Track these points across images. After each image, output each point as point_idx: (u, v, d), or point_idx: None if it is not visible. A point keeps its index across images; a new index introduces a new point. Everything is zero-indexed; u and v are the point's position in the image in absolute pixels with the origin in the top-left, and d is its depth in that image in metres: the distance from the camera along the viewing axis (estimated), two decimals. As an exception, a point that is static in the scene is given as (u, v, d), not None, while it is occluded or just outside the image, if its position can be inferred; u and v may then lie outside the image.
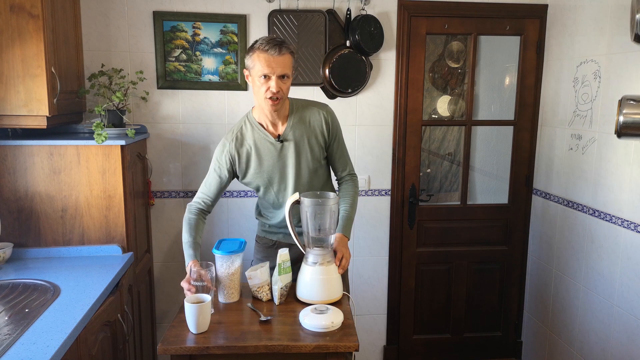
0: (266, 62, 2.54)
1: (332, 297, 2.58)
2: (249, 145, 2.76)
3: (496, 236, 4.37)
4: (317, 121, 2.79)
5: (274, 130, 2.77)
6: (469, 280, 4.39)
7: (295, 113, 2.78)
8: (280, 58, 2.54)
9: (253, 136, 2.76)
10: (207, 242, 4.00)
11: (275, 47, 2.53)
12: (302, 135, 2.77)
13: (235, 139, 2.77)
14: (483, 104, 4.39)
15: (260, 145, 2.75)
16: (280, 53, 2.54)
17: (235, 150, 2.76)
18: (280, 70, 2.55)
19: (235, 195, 3.98)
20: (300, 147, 2.77)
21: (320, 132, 2.80)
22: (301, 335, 2.29)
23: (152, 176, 3.90)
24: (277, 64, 2.54)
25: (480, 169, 4.48)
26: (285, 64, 2.57)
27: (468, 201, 4.32)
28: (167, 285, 4.06)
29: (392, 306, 4.35)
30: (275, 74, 2.55)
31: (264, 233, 3.05)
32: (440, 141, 4.51)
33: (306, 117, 2.79)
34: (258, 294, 2.64)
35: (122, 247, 3.23)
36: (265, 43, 2.55)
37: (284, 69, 2.57)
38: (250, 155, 2.76)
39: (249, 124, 2.78)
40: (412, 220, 4.23)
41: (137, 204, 3.50)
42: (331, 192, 2.71)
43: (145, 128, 3.82)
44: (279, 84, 2.57)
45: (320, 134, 2.80)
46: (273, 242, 3.00)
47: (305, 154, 2.78)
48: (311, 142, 2.79)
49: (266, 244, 3.03)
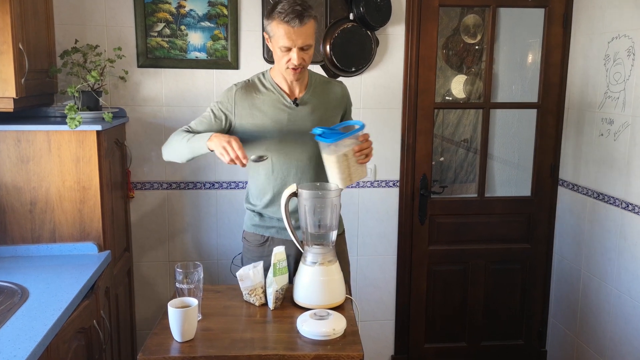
0: (286, 35, 2.63)
1: (333, 301, 2.58)
2: (261, 101, 2.84)
3: (517, 232, 4.37)
4: (336, 94, 2.97)
5: (291, 94, 2.87)
6: (486, 282, 4.40)
7: (314, 82, 2.93)
8: (303, 29, 2.63)
9: (267, 96, 2.85)
10: (197, 241, 4.00)
11: (296, 19, 2.60)
12: (319, 104, 2.90)
13: (246, 84, 2.89)
14: (503, 85, 4.39)
15: (271, 106, 2.83)
16: (302, 24, 2.62)
17: (244, 92, 2.85)
18: (302, 41, 2.65)
19: (224, 186, 3.99)
20: (316, 115, 2.87)
21: (338, 104, 2.97)
22: (299, 343, 2.29)
23: (132, 165, 3.90)
24: (299, 36, 2.63)
25: (499, 158, 4.49)
26: (308, 34, 2.66)
27: (486, 193, 4.32)
28: (149, 288, 4.07)
29: (400, 311, 4.36)
30: (297, 46, 2.65)
31: (253, 228, 3.03)
32: (454, 126, 4.51)
33: (326, 87, 2.96)
34: (250, 297, 2.63)
35: (98, 244, 3.23)
36: (285, 13, 2.61)
37: (306, 40, 2.66)
38: (259, 108, 2.83)
39: (266, 83, 2.89)
40: (424, 215, 4.23)
41: (115, 196, 3.50)
42: (332, 184, 2.71)
43: (124, 111, 3.82)
44: (301, 55, 2.68)
45: (338, 105, 2.97)
46: (265, 238, 2.98)
47: (320, 123, 2.85)
48: (327, 112, 2.92)
49: (257, 241, 3.01)
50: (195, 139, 2.69)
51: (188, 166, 3.92)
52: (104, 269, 3.16)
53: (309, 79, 2.91)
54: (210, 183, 3.98)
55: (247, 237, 3.07)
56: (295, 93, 2.87)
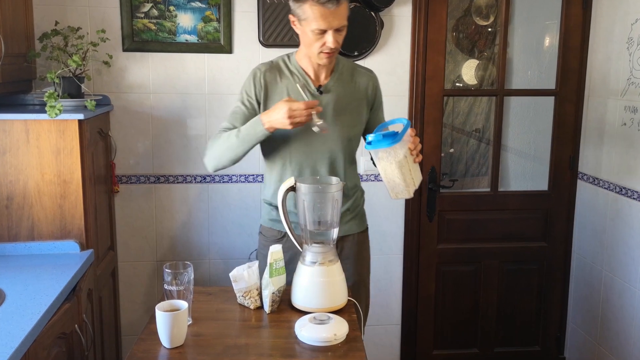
0: (322, 16, 2.63)
1: (334, 304, 2.57)
2: (284, 86, 2.85)
3: (534, 230, 4.37)
4: (364, 83, 2.96)
5: (315, 80, 2.88)
6: (500, 284, 4.40)
7: (341, 68, 2.93)
8: (339, 10, 2.65)
9: (292, 81, 2.86)
10: (187, 239, 3.99)
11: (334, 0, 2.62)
12: (345, 93, 2.90)
13: (271, 66, 2.89)
14: (518, 70, 4.39)
15: (296, 92, 2.83)
16: (338, 4, 2.63)
17: (271, 75, 2.87)
18: (338, 23, 2.66)
19: (217, 180, 3.98)
20: (341, 105, 2.88)
21: (365, 95, 2.95)
22: (297, 350, 2.29)
23: (117, 157, 3.89)
24: (335, 17, 2.64)
25: (514, 149, 4.48)
26: (343, 15, 2.68)
27: (499, 187, 4.32)
28: (135, 290, 4.07)
29: (407, 315, 4.36)
30: (333, 27, 2.66)
31: (270, 223, 3.02)
32: (465, 115, 4.51)
33: (353, 75, 2.95)
34: (245, 300, 2.62)
35: (80, 243, 3.23)
36: None
37: (342, 21, 2.68)
38: (283, 94, 2.84)
39: (291, 66, 2.89)
40: (432, 211, 4.22)
41: (98, 191, 3.49)
42: (334, 177, 2.71)
43: (109, 99, 3.81)
44: (336, 38, 2.68)
45: (364, 97, 2.95)
46: (282, 234, 2.96)
47: (343, 114, 2.87)
48: (353, 103, 2.92)
49: (273, 236, 3.00)
50: (246, 129, 2.72)
51: (177, 158, 3.91)
52: (87, 270, 3.15)
53: (336, 64, 2.91)
54: (202, 176, 3.97)
55: (263, 232, 3.07)
56: (320, 79, 2.88)
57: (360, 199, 3.09)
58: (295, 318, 2.49)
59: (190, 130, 3.92)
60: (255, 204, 4.02)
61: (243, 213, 4.04)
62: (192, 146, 3.93)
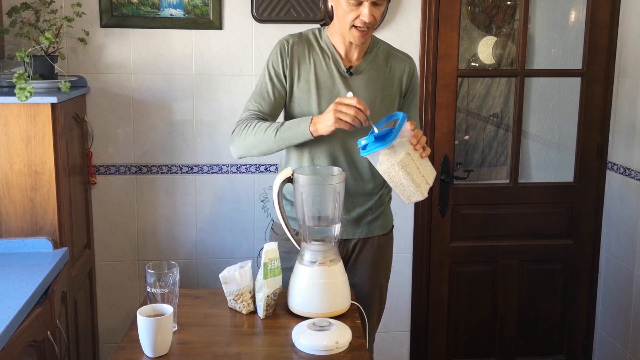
0: None
1: (336, 309, 2.57)
2: (313, 62, 2.84)
3: (558, 226, 4.37)
4: (400, 69, 2.93)
5: (346, 60, 2.87)
6: (521, 286, 4.41)
7: (376, 50, 2.91)
8: None
9: (323, 58, 2.85)
10: (172, 236, 3.99)
11: None
12: (377, 78, 2.88)
13: (301, 39, 2.88)
14: (540, 48, 4.38)
15: (325, 71, 2.83)
16: None
17: (301, 48, 2.85)
18: None
19: (205, 170, 3.98)
20: (371, 91, 2.87)
21: (399, 82, 2.93)
22: (295, 359, 2.29)
23: (94, 145, 3.90)
24: None
25: (536, 136, 4.48)
26: None
27: (520, 179, 4.33)
28: (114, 293, 4.08)
29: (417, 320, 4.37)
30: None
31: None
32: (482, 98, 4.50)
33: (388, 59, 2.92)
34: (236, 304, 2.63)
35: (53, 240, 3.23)
36: None
37: None
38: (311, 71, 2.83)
39: (322, 42, 2.89)
40: (445, 205, 4.23)
41: (73, 182, 3.49)
42: (335, 167, 2.71)
43: (85, 80, 3.81)
44: (372, 12, 2.65)
45: (398, 84, 2.93)
46: (295, 232, 2.95)
47: (373, 101, 2.85)
48: (385, 89, 2.90)
49: (285, 233, 3.00)
50: (290, 126, 2.68)
51: (161, 146, 3.91)
52: (60, 270, 3.15)
53: (370, 45, 2.89)
54: (188, 166, 3.97)
55: (275, 228, 3.08)
56: (352, 60, 2.86)
57: (386, 197, 3.07)
58: (293, 324, 2.49)
59: (176, 114, 3.91)
60: (247, 197, 4.02)
61: (235, 207, 4.04)
62: (178, 132, 3.93)
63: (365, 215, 2.96)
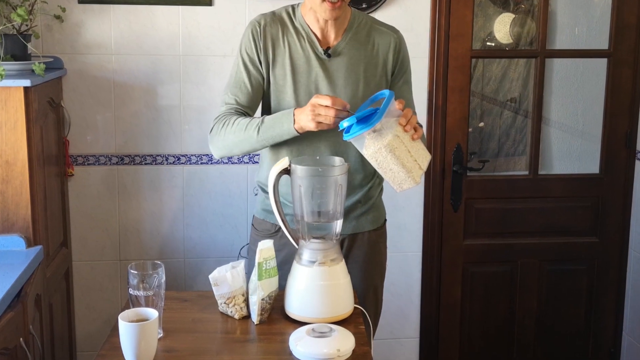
0: None
1: (338, 313, 2.57)
2: (288, 45, 2.84)
3: (582, 222, 4.38)
4: (384, 45, 2.91)
5: (323, 41, 2.87)
6: (541, 288, 4.42)
7: (356, 26, 2.89)
8: None
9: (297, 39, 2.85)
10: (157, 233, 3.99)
11: None
12: (359, 58, 2.87)
13: (273, 18, 2.88)
14: (562, 26, 4.38)
15: (300, 54, 2.83)
16: None
17: (274, 28, 2.85)
18: None
19: (194, 161, 3.98)
20: (352, 73, 2.85)
21: (384, 60, 2.91)
22: (292, 369, 2.29)
23: (71, 133, 3.90)
24: None
25: (558, 123, 4.49)
26: None
27: (540, 170, 4.33)
28: (94, 295, 4.08)
29: (427, 326, 4.38)
30: None
31: (264, 214, 3.04)
32: (498, 81, 4.51)
33: (370, 35, 2.90)
34: (228, 308, 2.62)
35: (27, 238, 3.24)
36: None
37: None
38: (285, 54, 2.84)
39: (295, 21, 2.88)
40: (457, 199, 4.23)
41: (48, 174, 3.50)
42: (337, 157, 2.70)
43: (61, 62, 3.81)
44: None
45: (383, 63, 2.91)
46: (276, 228, 2.97)
47: (356, 84, 2.84)
48: (369, 70, 2.88)
49: (267, 230, 3.02)
50: (271, 122, 2.69)
51: (145, 135, 3.90)
52: (34, 271, 3.15)
53: (350, 21, 2.88)
54: (175, 156, 3.97)
55: (256, 224, 3.09)
56: (329, 39, 2.86)
57: (376, 189, 3.06)
58: (290, 330, 2.48)
59: (161, 99, 3.91)
60: (240, 191, 4.01)
61: (226, 201, 4.04)
62: (164, 119, 3.92)
63: (353, 209, 2.95)
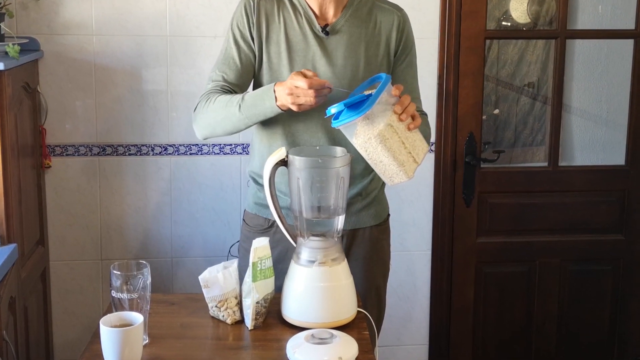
0: None
1: (339, 318, 2.57)
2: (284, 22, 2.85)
3: (606, 218, 4.38)
4: (387, 23, 2.92)
5: (321, 18, 2.87)
6: (561, 290, 4.42)
7: (357, 4, 2.90)
8: None
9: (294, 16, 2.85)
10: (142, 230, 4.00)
11: None
12: (359, 36, 2.87)
13: None
14: (585, 4, 4.38)
15: (297, 32, 2.84)
16: None
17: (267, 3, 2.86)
18: None
19: (182, 151, 3.98)
20: (352, 52, 2.86)
21: (387, 39, 2.92)
22: (290, 378, 2.29)
23: (48, 121, 3.90)
24: None
25: (580, 110, 4.49)
26: None
27: (560, 162, 4.34)
28: (73, 298, 4.09)
29: (437, 331, 4.39)
30: None
31: (256, 208, 3.04)
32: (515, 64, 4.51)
33: (372, 13, 2.91)
34: (219, 312, 2.63)
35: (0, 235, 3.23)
36: None
37: None
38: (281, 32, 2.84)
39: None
40: (470, 193, 4.23)
41: (23, 165, 3.51)
42: (338, 147, 2.69)
43: (37, 43, 3.80)
44: None
45: (385, 42, 2.92)
46: (270, 222, 2.98)
47: (356, 62, 2.85)
48: (370, 50, 2.89)
49: (259, 225, 3.02)
50: (252, 100, 2.69)
51: (129, 123, 3.90)
52: (8, 271, 3.15)
53: None
54: (162, 146, 3.97)
55: (247, 219, 3.09)
56: (327, 17, 2.86)
57: (379, 181, 3.05)
58: (288, 336, 2.48)
59: (147, 84, 3.91)
60: (233, 183, 4.02)
61: (218, 195, 4.05)
62: (150, 105, 3.93)
63: (353, 203, 2.95)
